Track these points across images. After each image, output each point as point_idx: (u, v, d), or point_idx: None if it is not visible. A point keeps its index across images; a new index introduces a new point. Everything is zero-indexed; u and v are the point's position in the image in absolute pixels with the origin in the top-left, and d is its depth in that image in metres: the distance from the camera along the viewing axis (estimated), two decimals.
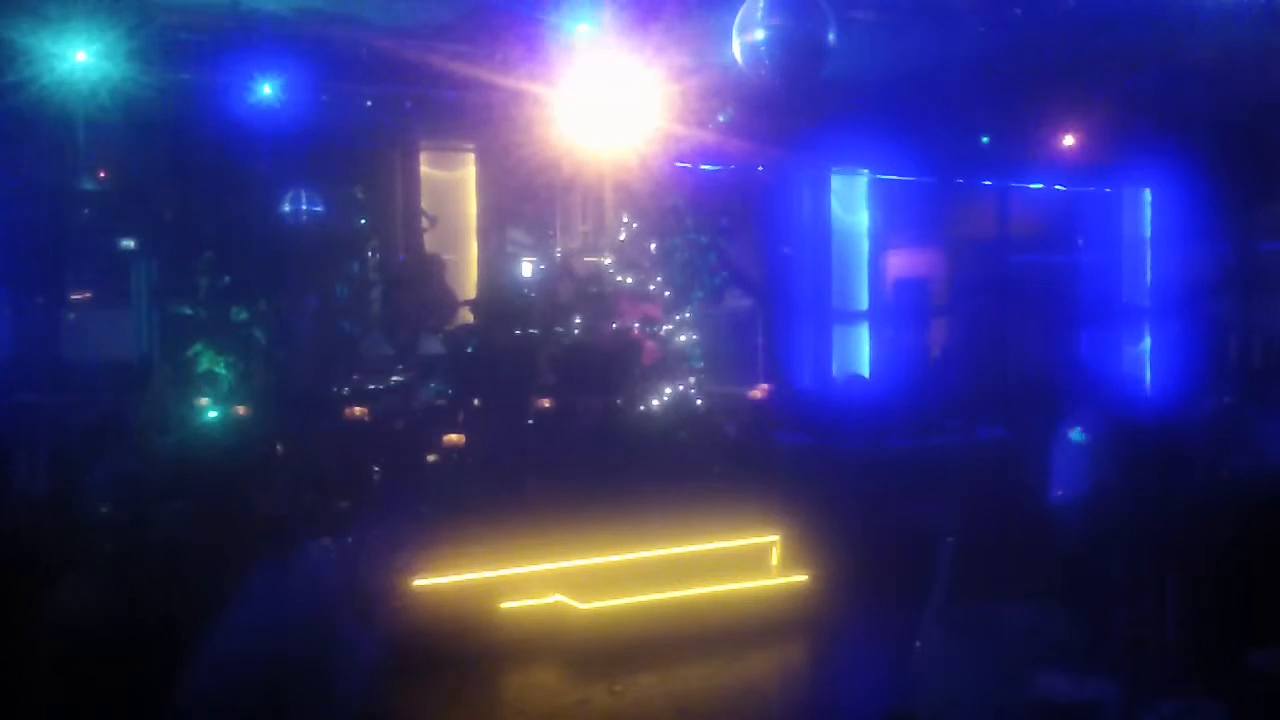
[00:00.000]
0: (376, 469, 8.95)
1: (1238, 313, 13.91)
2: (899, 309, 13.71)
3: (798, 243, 13.09)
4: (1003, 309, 13.70)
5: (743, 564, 8.71)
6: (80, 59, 8.21)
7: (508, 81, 9.40)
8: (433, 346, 10.34)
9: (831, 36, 6.80)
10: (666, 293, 10.38)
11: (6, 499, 8.14)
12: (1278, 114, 11.80)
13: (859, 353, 13.16)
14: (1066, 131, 12.48)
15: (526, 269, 11.53)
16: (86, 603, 7.47)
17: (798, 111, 10.08)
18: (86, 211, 10.18)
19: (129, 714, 6.43)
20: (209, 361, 8.78)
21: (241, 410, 8.68)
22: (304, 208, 10.04)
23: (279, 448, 8.47)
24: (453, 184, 11.67)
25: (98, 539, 7.85)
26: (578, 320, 10.02)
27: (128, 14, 8.21)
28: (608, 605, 8.00)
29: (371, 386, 9.70)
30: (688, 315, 10.42)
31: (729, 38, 7.00)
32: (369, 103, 9.91)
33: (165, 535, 7.63)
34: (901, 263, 13.96)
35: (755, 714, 6.96)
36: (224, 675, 4.80)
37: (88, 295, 10.60)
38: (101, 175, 9.85)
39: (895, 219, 13.42)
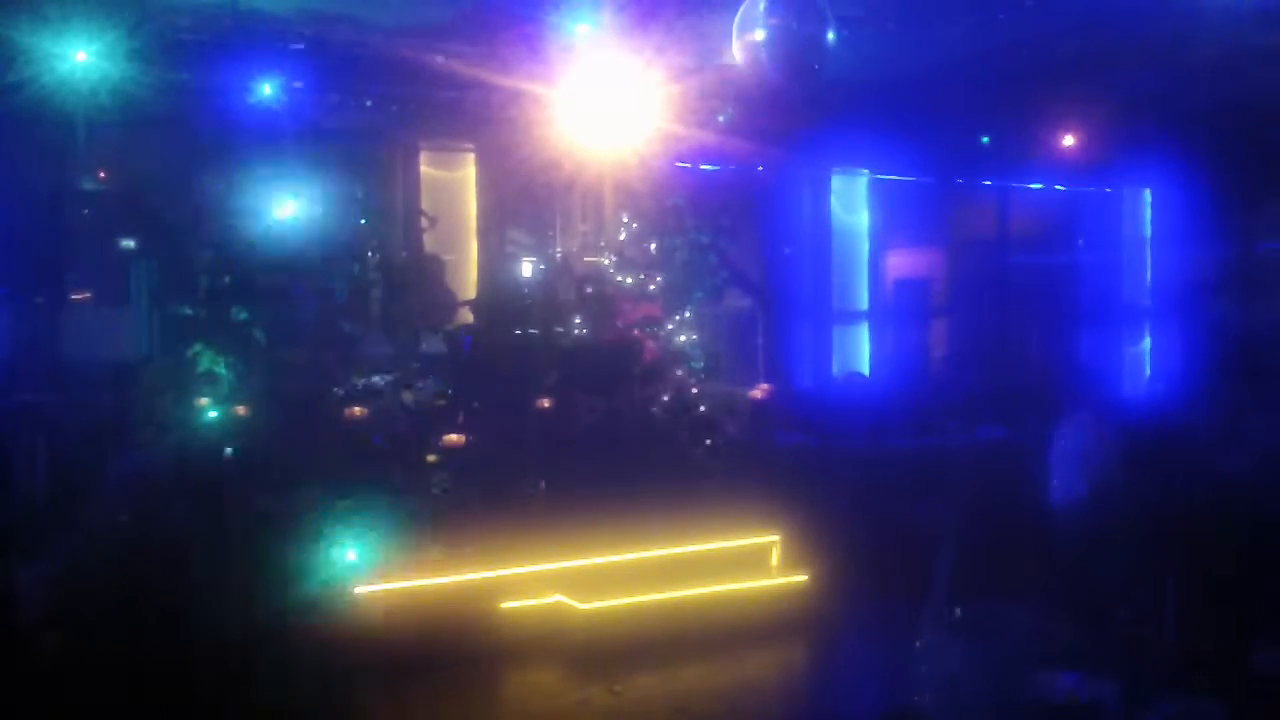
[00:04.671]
0: (376, 469, 8.94)
1: (1238, 313, 13.90)
2: (899, 309, 13.71)
3: (798, 243, 13.09)
4: (1003, 309, 13.70)
5: (743, 564, 8.72)
6: (80, 59, 8.21)
7: (508, 81, 9.40)
8: (433, 346, 10.34)
9: (831, 36, 6.82)
10: (666, 293, 10.38)
11: (6, 499, 8.14)
12: (1278, 114, 11.80)
13: (859, 353, 13.16)
14: (1066, 131, 12.48)
15: (526, 269, 11.52)
16: (87, 602, 7.48)
17: (798, 111, 10.07)
18: (86, 211, 10.17)
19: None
20: (209, 361, 8.76)
21: (241, 410, 8.67)
22: (304, 208, 10.01)
23: (279, 448, 8.46)
24: (453, 184, 11.66)
25: (98, 538, 7.85)
26: (578, 320, 10.01)
27: (128, 14, 8.20)
28: (608, 605, 8.00)
29: (370, 381, 9.69)
30: (688, 315, 10.42)
31: (729, 38, 7.01)
32: (369, 103, 9.90)
33: (165, 535, 7.63)
34: (901, 263, 13.95)
35: (755, 714, 6.96)
36: None
37: (88, 295, 10.58)
38: (101, 175, 9.83)
39: (895, 219, 13.41)
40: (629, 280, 10.38)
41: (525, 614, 7.92)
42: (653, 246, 10.47)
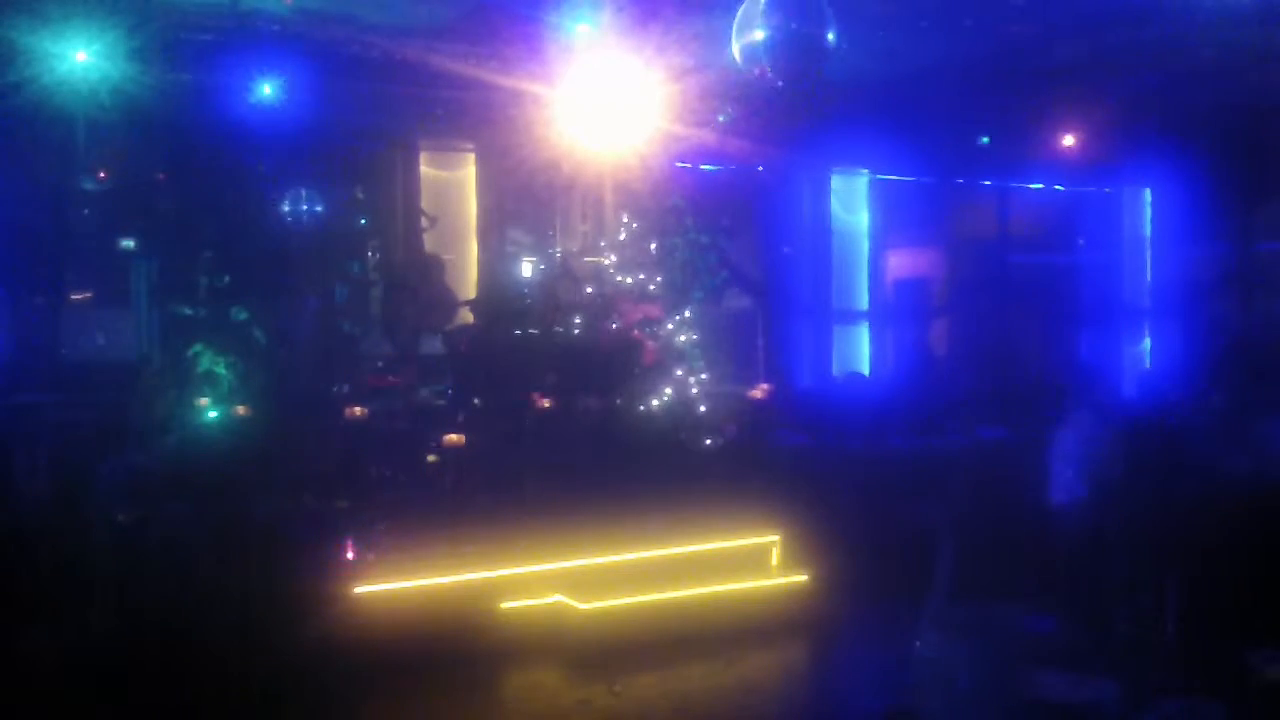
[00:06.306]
0: (376, 469, 8.95)
1: (1238, 313, 13.90)
2: (899, 309, 13.71)
3: (798, 243, 13.09)
4: (1003, 309, 13.69)
5: (743, 564, 8.71)
6: (80, 59, 8.21)
7: (508, 81, 9.41)
8: (433, 346, 10.34)
9: (831, 36, 6.81)
10: (666, 293, 10.38)
11: (7, 499, 8.14)
12: (1278, 114, 11.80)
13: (859, 353, 13.16)
14: (1066, 131, 12.48)
15: (526, 269, 11.52)
16: (88, 603, 7.49)
17: (798, 111, 10.06)
18: (86, 211, 10.17)
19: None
20: (209, 361, 8.77)
21: (241, 410, 8.67)
22: (304, 208, 10.03)
23: (279, 448, 8.47)
24: (453, 184, 11.66)
25: (98, 538, 7.86)
26: (578, 320, 10.02)
27: (128, 14, 8.21)
28: (608, 605, 8.00)
29: (370, 386, 9.71)
30: (688, 315, 10.42)
31: (729, 38, 7.01)
32: (369, 103, 9.91)
33: (166, 535, 7.64)
34: (901, 263, 13.96)
35: (755, 714, 6.96)
36: None
37: (88, 295, 10.59)
38: (101, 175, 9.83)
39: (895, 219, 13.42)
40: (629, 280, 10.38)
41: (525, 614, 7.92)
42: (653, 246, 10.47)
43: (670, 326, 10.30)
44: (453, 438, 8.97)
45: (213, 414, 8.60)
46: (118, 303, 10.32)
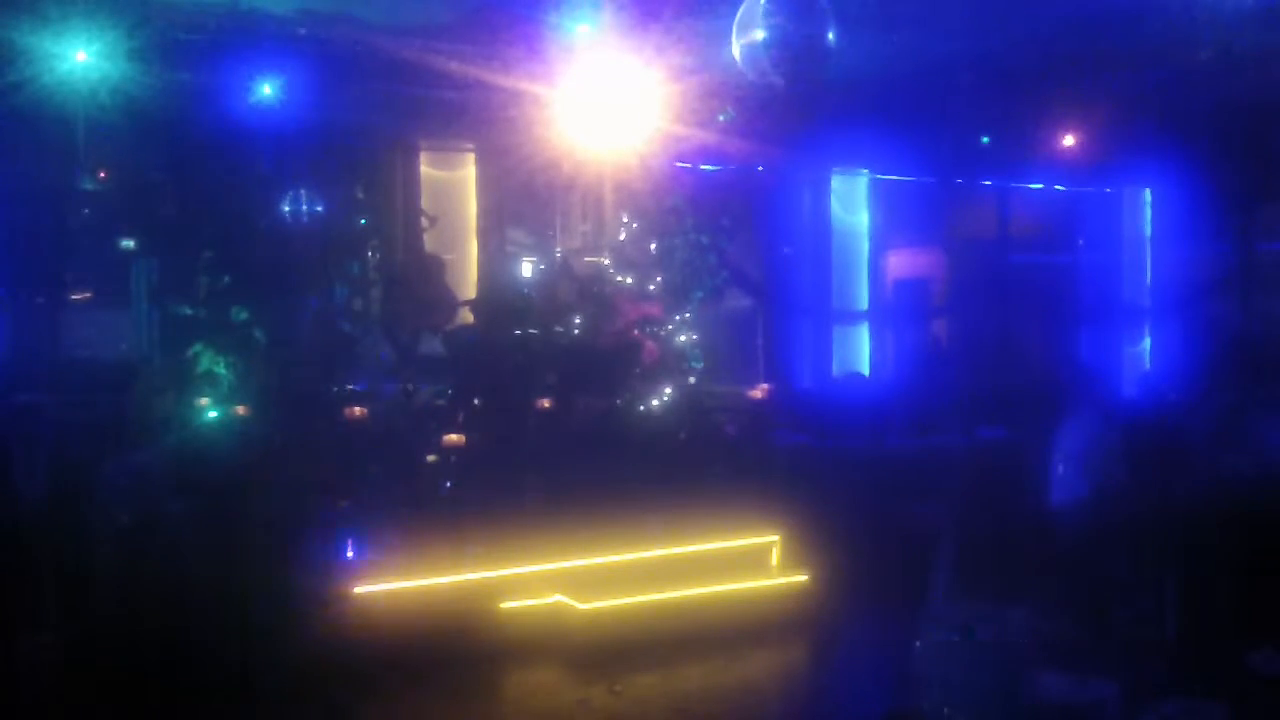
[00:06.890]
0: (376, 469, 8.94)
1: (1238, 313, 13.90)
2: (899, 309, 13.70)
3: (798, 243, 13.09)
4: (1003, 309, 13.69)
5: (743, 564, 8.72)
6: (80, 59, 8.20)
7: (508, 81, 9.40)
8: (433, 346, 10.34)
9: (831, 36, 6.82)
10: (666, 293, 10.37)
11: (7, 499, 8.13)
12: (1278, 114, 11.80)
13: (859, 352, 13.15)
14: (1066, 131, 12.48)
15: (526, 269, 11.52)
16: (88, 603, 7.49)
17: (798, 111, 10.06)
18: (86, 211, 10.16)
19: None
20: (209, 361, 8.76)
21: (241, 410, 8.67)
22: (304, 208, 10.02)
23: (279, 448, 8.47)
24: (453, 184, 11.65)
25: (98, 539, 7.85)
26: (578, 320, 10.02)
27: (128, 14, 8.20)
28: (608, 605, 8.00)
29: (369, 387, 9.70)
30: (688, 315, 10.42)
31: (729, 38, 7.02)
32: (369, 103, 9.90)
33: (166, 535, 7.64)
34: (901, 263, 13.95)
35: (755, 714, 6.96)
36: None
37: (88, 295, 10.58)
38: (101, 175, 9.82)
39: (895, 219, 13.40)
40: (629, 280, 10.38)
41: (525, 614, 7.92)
42: (653, 246, 10.47)
43: (670, 326, 10.30)
44: (453, 438, 8.97)
45: (213, 414, 8.59)
46: (118, 303, 10.30)
